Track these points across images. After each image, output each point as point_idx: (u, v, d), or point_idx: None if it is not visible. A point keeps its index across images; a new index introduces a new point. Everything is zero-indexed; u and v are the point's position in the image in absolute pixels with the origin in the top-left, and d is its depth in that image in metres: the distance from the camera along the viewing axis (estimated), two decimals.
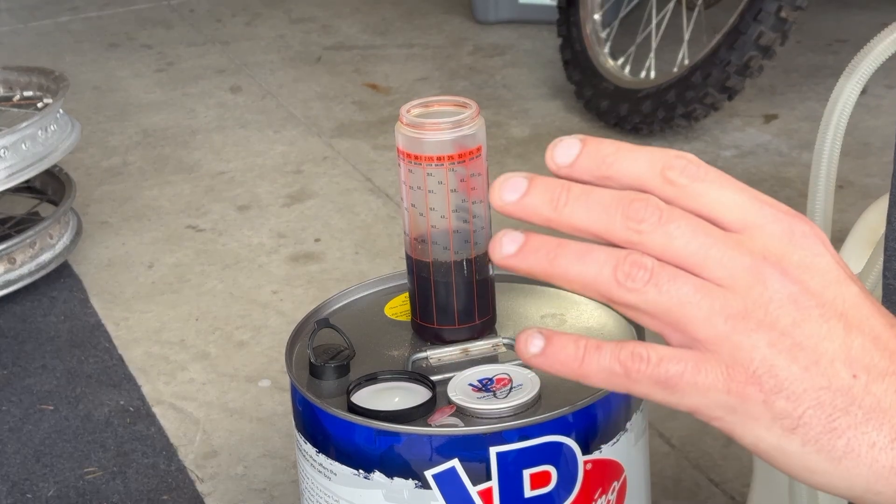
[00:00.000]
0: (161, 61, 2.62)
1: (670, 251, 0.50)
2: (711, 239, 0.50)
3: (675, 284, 0.49)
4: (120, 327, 1.63)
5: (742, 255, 0.50)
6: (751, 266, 0.50)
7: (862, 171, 1.93)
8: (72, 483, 1.33)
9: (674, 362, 0.50)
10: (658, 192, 0.51)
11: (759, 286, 0.49)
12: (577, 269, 0.51)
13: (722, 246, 0.50)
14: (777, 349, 0.49)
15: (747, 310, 0.49)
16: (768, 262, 0.50)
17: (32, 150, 1.66)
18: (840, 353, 0.50)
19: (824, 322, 0.50)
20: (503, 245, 0.53)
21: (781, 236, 0.50)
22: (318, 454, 0.85)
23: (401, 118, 0.88)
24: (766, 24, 1.91)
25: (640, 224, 0.50)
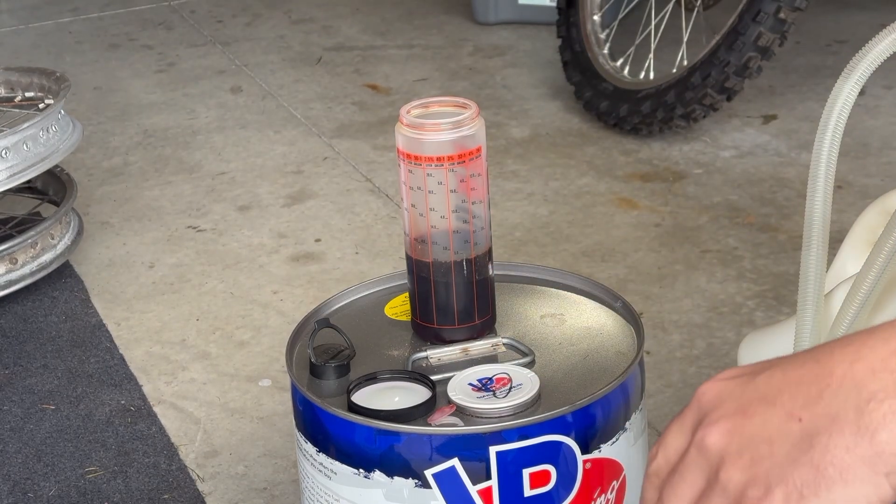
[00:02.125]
0: (162, 62, 2.63)
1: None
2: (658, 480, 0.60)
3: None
4: (121, 327, 1.64)
5: (687, 450, 0.58)
6: (693, 449, 0.58)
7: (860, 171, 1.93)
8: (73, 482, 1.33)
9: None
10: None
11: (704, 452, 0.57)
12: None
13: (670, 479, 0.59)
14: (745, 467, 0.56)
15: (713, 467, 0.57)
16: (695, 434, 0.58)
17: (34, 151, 1.67)
18: (779, 420, 0.55)
19: (753, 418, 0.56)
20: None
21: (690, 413, 0.59)
22: (319, 453, 0.86)
23: (401, 119, 0.89)
24: (765, 24, 1.92)
25: None
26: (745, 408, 0.56)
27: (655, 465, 0.61)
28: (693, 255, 1.71)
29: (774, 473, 0.54)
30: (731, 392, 0.57)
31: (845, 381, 0.54)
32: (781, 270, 1.66)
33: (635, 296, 1.61)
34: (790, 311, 1.50)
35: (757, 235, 1.76)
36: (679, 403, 1.38)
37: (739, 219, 1.81)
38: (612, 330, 0.93)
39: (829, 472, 0.53)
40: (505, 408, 0.82)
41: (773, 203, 1.85)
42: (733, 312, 1.57)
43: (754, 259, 1.69)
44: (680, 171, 1.98)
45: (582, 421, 0.82)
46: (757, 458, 0.55)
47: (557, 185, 1.96)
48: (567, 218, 1.85)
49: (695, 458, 0.57)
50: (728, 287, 1.63)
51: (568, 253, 1.75)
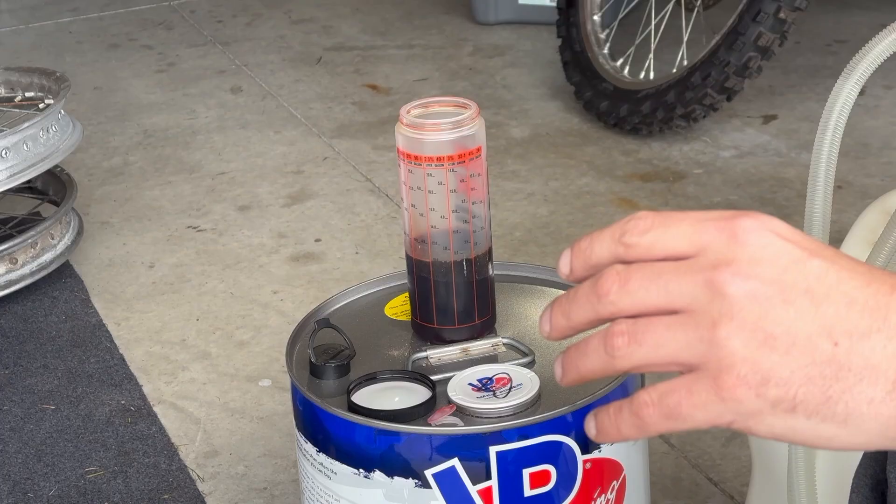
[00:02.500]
0: (162, 62, 2.63)
1: (640, 305, 0.55)
2: (665, 276, 0.55)
3: (649, 333, 0.55)
4: (121, 327, 1.64)
5: (695, 275, 0.54)
6: (705, 281, 0.54)
7: (861, 171, 1.93)
8: (73, 482, 1.33)
9: (670, 394, 0.55)
10: (625, 258, 0.57)
11: (717, 297, 0.53)
12: (584, 362, 0.58)
13: (675, 277, 0.54)
14: (752, 346, 0.52)
15: (715, 322, 0.53)
16: (719, 271, 0.53)
17: (34, 151, 1.67)
18: (814, 327, 0.52)
19: (789, 305, 0.52)
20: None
21: (727, 242, 0.54)
22: (319, 453, 0.86)
23: (401, 119, 0.88)
24: (765, 24, 1.92)
25: (609, 295, 0.56)
26: (786, 289, 0.52)
27: (613, 233, 0.57)
28: None
29: (779, 372, 0.52)
30: (778, 255, 0.53)
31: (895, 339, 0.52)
32: None
33: None
34: None
35: None
36: None
37: None
38: None
39: (837, 408, 0.52)
40: (505, 408, 0.82)
41: (773, 203, 1.85)
42: None
43: None
44: (680, 171, 1.98)
45: (582, 421, 0.82)
46: (771, 346, 0.52)
47: (557, 185, 1.96)
48: (567, 218, 1.85)
49: (698, 291, 0.54)
50: None
51: None
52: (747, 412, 0.53)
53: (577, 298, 0.58)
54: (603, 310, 0.56)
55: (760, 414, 0.53)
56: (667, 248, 0.55)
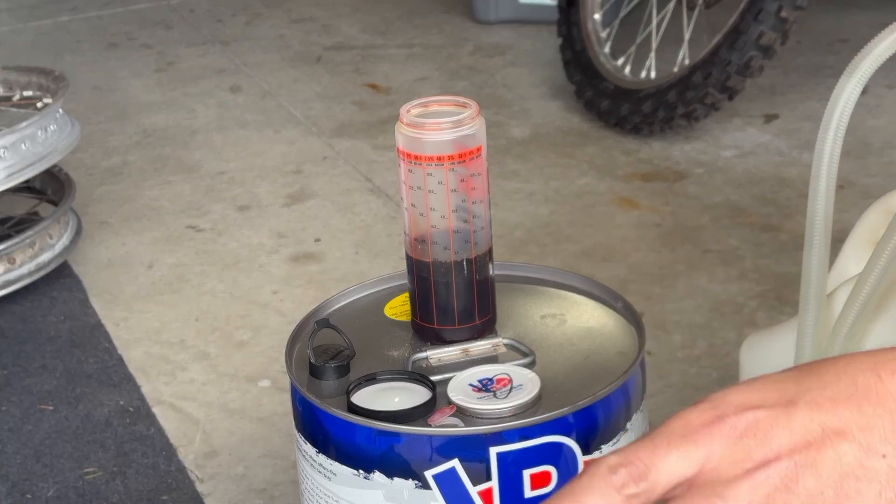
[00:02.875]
0: (161, 61, 2.62)
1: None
2: (717, 497, 0.51)
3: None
4: (120, 327, 1.63)
5: (738, 484, 0.50)
6: (750, 484, 0.51)
7: (862, 171, 1.93)
8: (71, 483, 1.33)
9: None
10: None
11: (771, 490, 0.50)
12: None
13: (726, 493, 0.51)
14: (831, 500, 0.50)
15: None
16: (750, 472, 0.51)
17: (32, 150, 1.66)
18: (859, 454, 0.50)
19: (828, 450, 0.50)
20: None
21: (729, 445, 0.51)
22: (318, 454, 0.85)
23: (401, 118, 0.88)
24: (767, 23, 1.91)
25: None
26: (811, 441, 0.50)
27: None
28: (694, 255, 1.71)
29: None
30: (776, 421, 0.51)
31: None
32: (783, 270, 1.66)
33: (636, 296, 1.61)
34: (792, 312, 1.50)
35: (758, 235, 1.76)
36: (680, 404, 1.38)
37: (741, 219, 1.81)
38: (613, 330, 0.92)
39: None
40: (505, 408, 0.81)
41: (774, 203, 1.85)
42: (735, 313, 1.56)
43: (756, 259, 1.69)
44: (681, 170, 1.98)
45: (583, 422, 0.82)
46: (845, 495, 0.50)
47: (558, 184, 1.96)
48: (568, 218, 1.85)
49: (755, 493, 0.50)
50: (729, 287, 1.62)
51: (569, 253, 1.74)
52: None
53: None
54: None
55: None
56: (671, 479, 0.52)
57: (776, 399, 0.51)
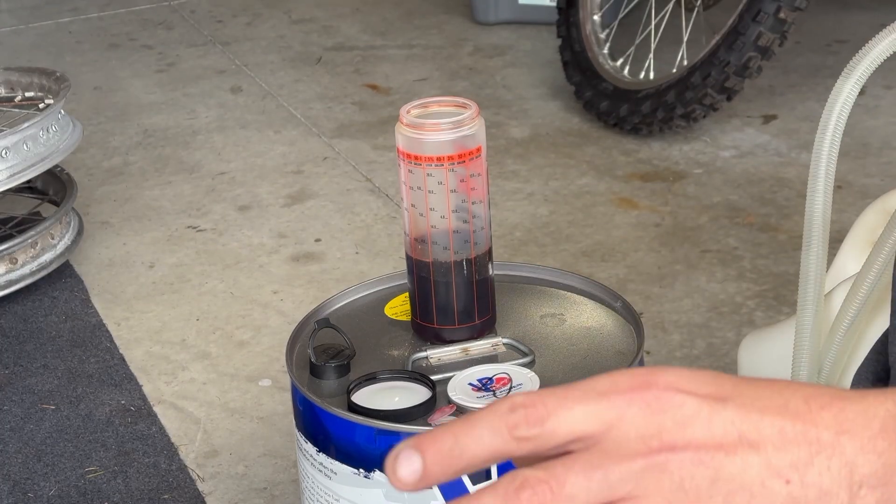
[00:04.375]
0: (162, 62, 2.63)
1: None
2: (601, 469, 0.49)
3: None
4: (121, 327, 1.64)
5: (632, 461, 0.49)
6: (645, 465, 0.49)
7: (861, 171, 1.93)
8: (73, 482, 1.33)
9: None
10: (518, 454, 0.50)
11: (664, 476, 0.49)
12: None
13: (612, 467, 0.49)
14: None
15: (671, 502, 0.49)
16: (653, 451, 0.49)
17: (34, 151, 1.67)
18: (764, 471, 0.49)
19: (734, 457, 0.49)
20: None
21: (643, 414, 0.50)
22: (319, 453, 0.85)
23: (401, 119, 0.89)
24: (765, 24, 1.92)
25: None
26: (723, 443, 0.49)
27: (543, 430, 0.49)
28: (693, 255, 1.71)
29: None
30: (697, 412, 0.50)
31: (835, 455, 0.50)
32: (781, 270, 1.66)
33: (635, 296, 1.61)
34: (790, 311, 1.50)
35: (757, 235, 1.76)
36: None
37: (739, 219, 1.81)
38: (612, 330, 0.93)
39: (810, 496, 0.49)
40: None
41: (773, 203, 1.85)
42: (733, 312, 1.57)
43: (754, 259, 1.69)
44: (680, 170, 1.99)
45: None
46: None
47: (557, 184, 1.96)
48: (567, 218, 1.85)
49: (639, 476, 0.49)
50: (728, 287, 1.63)
51: (568, 253, 1.75)
52: None
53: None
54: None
55: None
56: (572, 432, 0.49)
57: (709, 392, 0.50)
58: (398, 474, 0.50)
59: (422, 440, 0.50)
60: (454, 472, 0.50)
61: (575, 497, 0.48)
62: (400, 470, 0.50)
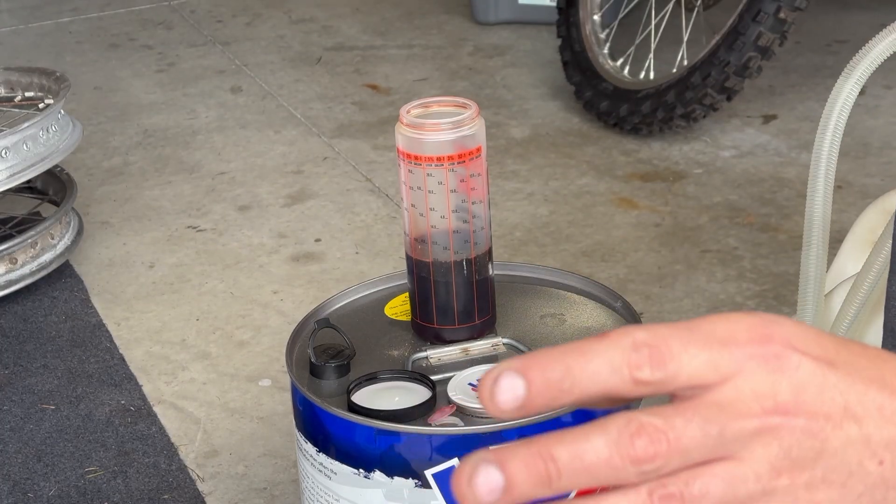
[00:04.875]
0: (162, 62, 2.63)
1: (689, 462, 0.47)
2: (717, 426, 0.47)
3: (709, 493, 0.46)
4: (121, 327, 1.64)
5: (746, 421, 0.47)
6: (758, 427, 0.47)
7: (861, 171, 1.93)
8: (73, 482, 1.33)
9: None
10: (633, 395, 0.47)
11: (774, 441, 0.48)
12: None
13: (728, 424, 0.47)
14: (814, 486, 0.48)
15: (776, 469, 0.47)
16: (767, 413, 0.47)
17: (34, 151, 1.67)
18: (862, 449, 0.48)
19: (839, 430, 0.48)
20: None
21: (761, 371, 0.48)
22: (319, 453, 0.85)
23: (401, 119, 0.88)
24: (765, 24, 1.92)
25: (655, 461, 0.46)
26: (831, 413, 0.47)
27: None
28: (693, 255, 1.71)
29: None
30: (811, 377, 0.47)
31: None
32: (781, 270, 1.66)
33: (635, 296, 1.61)
34: (790, 311, 1.50)
35: (757, 235, 1.76)
36: None
37: (739, 219, 1.81)
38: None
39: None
40: None
41: (773, 203, 1.85)
42: None
43: (754, 259, 1.69)
44: (680, 170, 1.98)
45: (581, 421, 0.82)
46: (829, 483, 0.48)
47: (557, 184, 1.96)
48: (567, 218, 1.85)
49: (749, 438, 0.47)
50: (728, 287, 1.63)
51: (568, 253, 1.75)
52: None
53: (587, 462, 0.46)
54: (638, 478, 0.46)
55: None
56: (691, 380, 0.47)
57: (819, 354, 0.48)
58: (497, 399, 0.46)
59: (529, 364, 0.46)
60: (559, 405, 0.47)
61: (689, 452, 0.46)
62: (500, 395, 0.46)
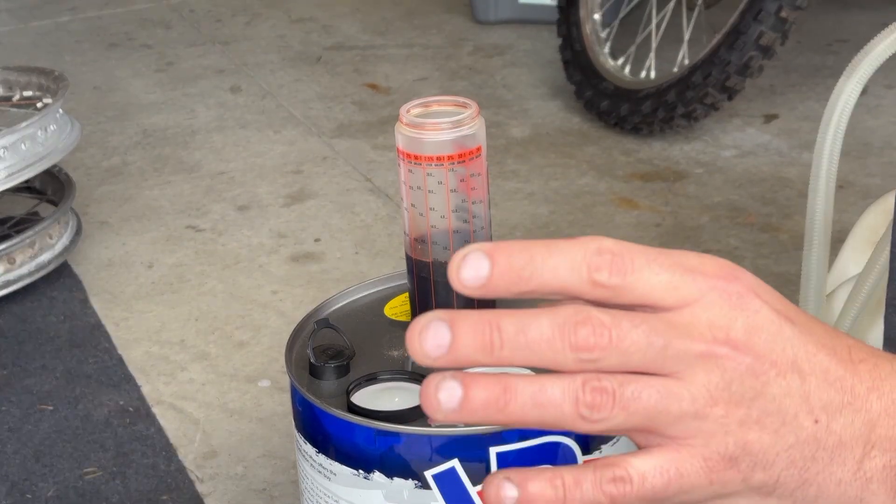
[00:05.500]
0: (161, 61, 2.62)
1: (628, 365, 0.48)
2: (663, 339, 0.48)
3: (642, 400, 0.48)
4: (120, 327, 1.63)
5: (693, 343, 0.49)
6: (705, 352, 0.49)
7: (862, 171, 1.93)
8: (71, 483, 1.33)
9: (656, 475, 0.49)
10: (589, 297, 0.49)
11: (717, 370, 0.49)
12: (535, 414, 0.48)
13: (674, 341, 0.48)
14: (747, 425, 0.49)
15: (713, 398, 0.49)
16: (718, 342, 0.49)
17: (32, 150, 1.66)
18: (801, 403, 0.50)
19: (782, 379, 0.49)
20: (440, 402, 0.48)
21: (721, 304, 0.49)
22: (318, 454, 0.85)
23: (400, 118, 0.88)
24: (767, 23, 1.91)
25: (593, 352, 0.47)
26: (778, 362, 0.49)
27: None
28: None
29: (766, 455, 0.49)
30: (767, 323, 0.49)
31: (862, 410, 0.50)
32: (783, 270, 1.66)
33: None
34: None
35: (758, 235, 1.76)
36: None
37: (740, 219, 1.81)
38: None
39: (809, 491, 0.50)
40: None
41: (774, 203, 1.85)
42: None
43: (755, 259, 1.69)
44: (681, 170, 1.98)
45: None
46: (762, 425, 0.49)
47: (558, 184, 1.96)
48: (567, 218, 1.85)
49: (694, 360, 0.48)
50: None
51: None
52: (725, 494, 0.50)
53: (530, 337, 0.47)
54: (575, 365, 0.47)
55: (736, 495, 0.50)
56: (649, 295, 0.49)
57: (780, 308, 0.50)
58: (461, 275, 0.48)
59: (496, 248, 0.48)
60: (518, 291, 0.48)
61: (629, 355, 0.48)
62: (464, 271, 0.48)
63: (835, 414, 0.50)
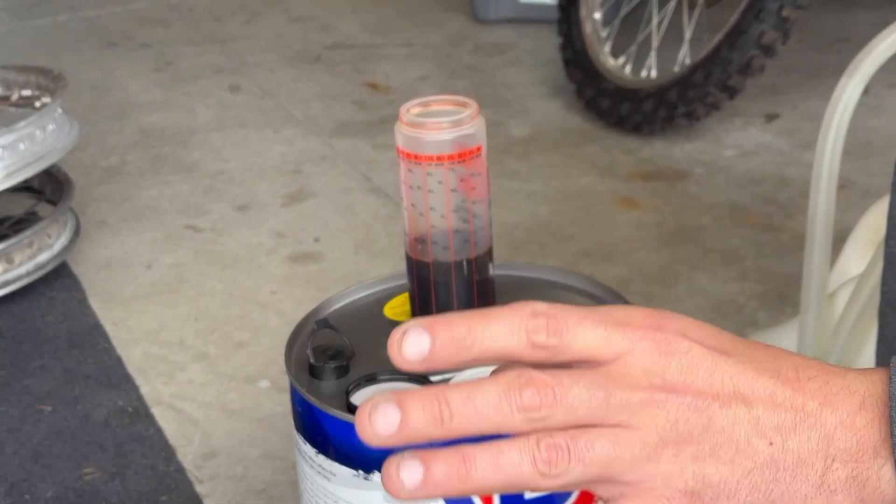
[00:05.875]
0: (160, 60, 2.62)
1: (574, 420, 0.50)
2: (603, 391, 0.51)
3: (595, 449, 0.50)
4: (118, 327, 1.63)
5: (633, 392, 0.51)
6: (645, 399, 0.51)
7: (864, 170, 1.92)
8: (70, 484, 1.32)
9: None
10: (529, 359, 0.51)
11: (661, 413, 0.51)
12: (497, 478, 0.50)
13: (615, 392, 0.51)
14: (702, 459, 0.51)
15: (662, 439, 0.51)
16: (655, 388, 0.51)
17: (31, 150, 1.66)
18: (751, 429, 0.51)
19: (727, 409, 0.51)
20: (403, 481, 0.51)
21: (653, 352, 0.51)
22: (318, 455, 0.85)
23: (400, 117, 0.88)
24: (768, 23, 1.91)
25: (540, 410, 0.50)
26: (720, 394, 0.51)
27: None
28: (695, 255, 1.71)
29: (728, 484, 0.51)
30: (701, 360, 0.51)
31: (816, 425, 0.51)
32: (784, 270, 1.65)
33: (637, 296, 1.60)
34: (793, 312, 1.49)
35: (760, 235, 1.75)
36: None
37: (742, 218, 1.80)
38: None
39: (788, 461, 0.51)
40: None
41: (775, 202, 1.85)
42: (736, 313, 1.56)
43: (757, 259, 1.69)
44: (682, 170, 1.98)
45: None
46: (717, 457, 0.51)
47: (558, 184, 1.96)
48: (568, 217, 1.84)
49: (638, 408, 0.50)
50: (730, 287, 1.62)
51: (569, 253, 1.74)
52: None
53: (478, 405, 0.50)
54: (524, 425, 0.50)
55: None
56: (585, 351, 0.51)
57: (713, 345, 0.52)
58: (404, 351, 0.50)
59: (435, 322, 0.50)
60: (461, 362, 0.51)
61: (574, 409, 0.50)
62: (407, 347, 0.50)
63: (789, 433, 0.51)
